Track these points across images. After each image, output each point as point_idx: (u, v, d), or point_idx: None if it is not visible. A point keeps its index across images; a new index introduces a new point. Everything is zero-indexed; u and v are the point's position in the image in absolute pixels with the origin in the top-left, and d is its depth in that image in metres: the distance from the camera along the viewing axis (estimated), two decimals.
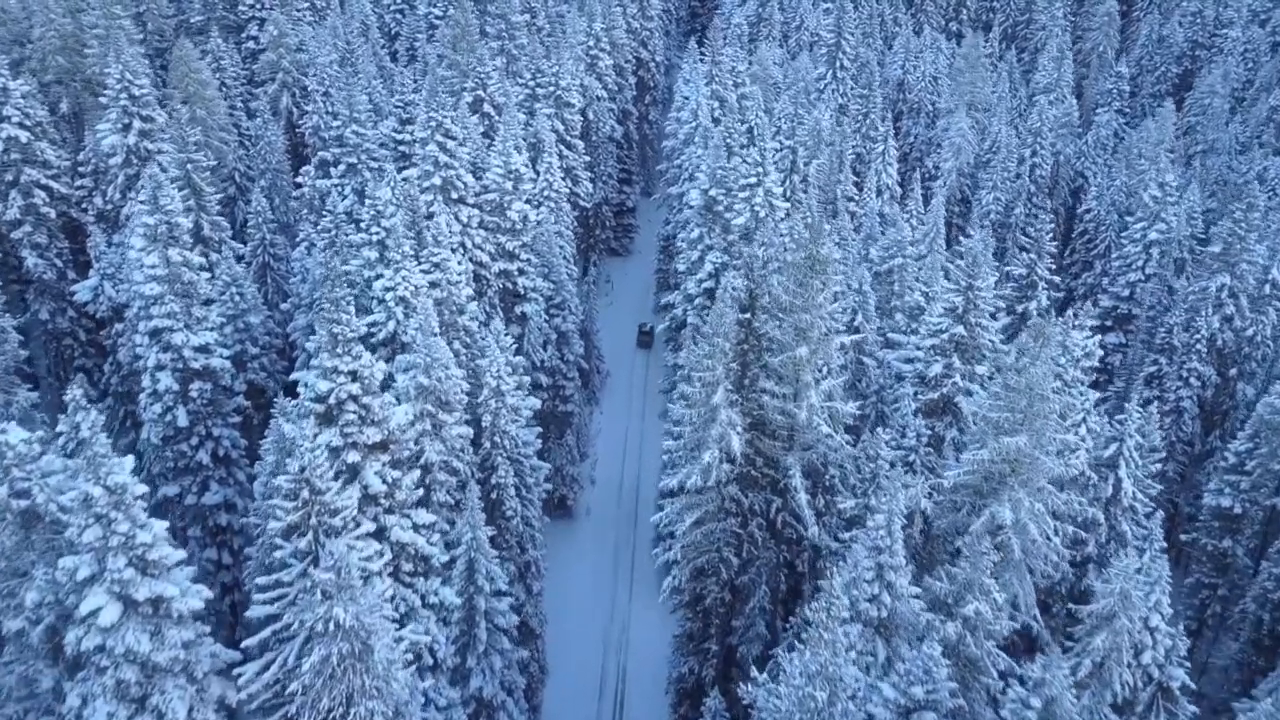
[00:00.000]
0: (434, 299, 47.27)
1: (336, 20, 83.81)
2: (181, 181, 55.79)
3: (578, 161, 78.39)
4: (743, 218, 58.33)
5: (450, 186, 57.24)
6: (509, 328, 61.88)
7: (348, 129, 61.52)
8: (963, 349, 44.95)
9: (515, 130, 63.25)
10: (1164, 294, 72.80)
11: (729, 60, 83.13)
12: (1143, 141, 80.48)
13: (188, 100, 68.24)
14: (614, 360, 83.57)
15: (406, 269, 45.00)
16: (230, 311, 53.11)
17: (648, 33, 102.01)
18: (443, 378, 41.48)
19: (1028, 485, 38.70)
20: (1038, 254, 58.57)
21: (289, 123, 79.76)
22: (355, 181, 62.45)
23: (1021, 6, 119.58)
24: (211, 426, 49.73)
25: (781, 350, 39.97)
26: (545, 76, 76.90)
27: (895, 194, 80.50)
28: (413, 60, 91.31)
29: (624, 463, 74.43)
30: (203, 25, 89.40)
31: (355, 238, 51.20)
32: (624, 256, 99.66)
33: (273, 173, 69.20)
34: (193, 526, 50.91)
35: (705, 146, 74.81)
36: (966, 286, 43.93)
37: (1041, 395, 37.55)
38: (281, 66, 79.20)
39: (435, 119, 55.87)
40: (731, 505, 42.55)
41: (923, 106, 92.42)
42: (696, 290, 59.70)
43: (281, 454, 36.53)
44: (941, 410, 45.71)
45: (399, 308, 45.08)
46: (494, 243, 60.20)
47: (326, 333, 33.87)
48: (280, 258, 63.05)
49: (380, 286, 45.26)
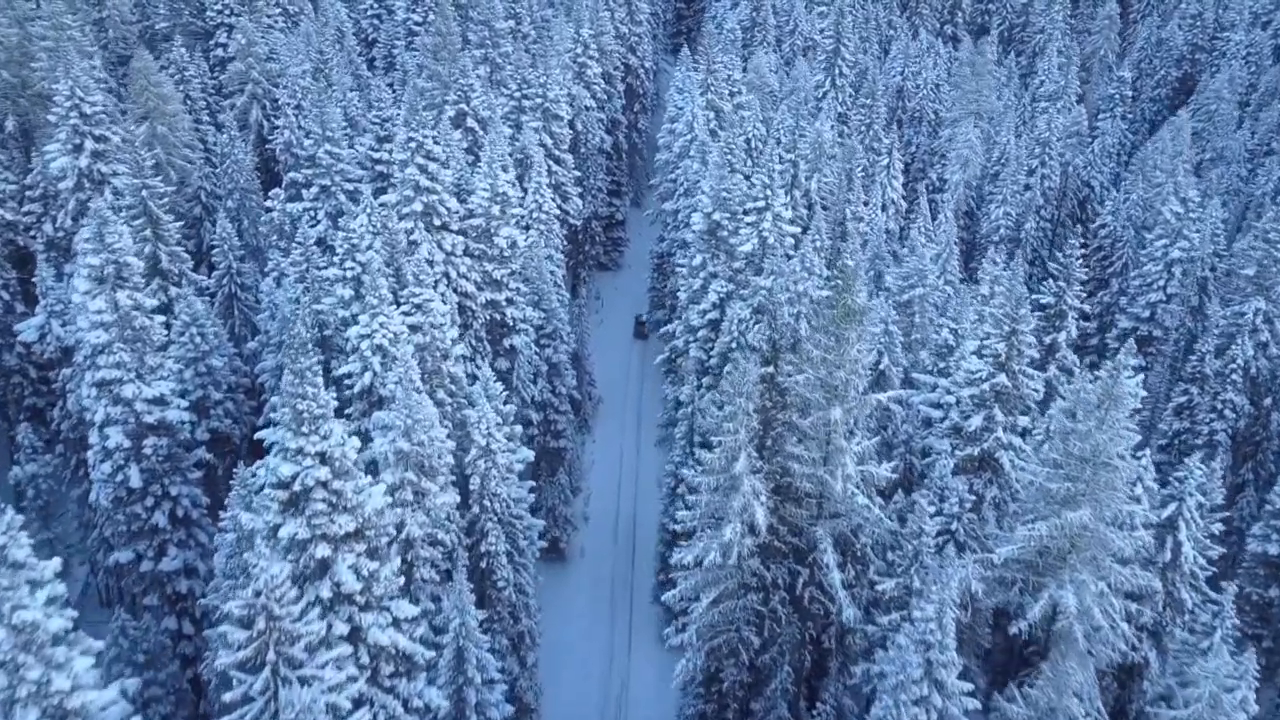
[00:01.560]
0: (415, 344, 41.85)
1: (310, 27, 77.91)
2: (137, 209, 50.08)
3: (567, 177, 73.00)
4: (750, 244, 53.06)
5: (432, 212, 51.78)
6: (497, 361, 56.66)
7: (320, 148, 55.90)
8: (1004, 398, 39.85)
9: (501, 148, 57.76)
10: (1187, 316, 68.13)
11: (724, 69, 77.80)
12: (1158, 153, 75.67)
13: (148, 116, 62.40)
14: (606, 381, 78.14)
15: (384, 314, 39.51)
16: (190, 354, 47.48)
17: (636, 38, 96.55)
18: (425, 441, 36.14)
19: (1091, 563, 33.70)
20: (1066, 281, 53.56)
21: (259, 137, 73.95)
22: (329, 205, 56.89)
23: (1018, 9, 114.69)
24: (169, 485, 44.18)
25: (810, 410, 34.77)
26: (532, 87, 71.38)
27: (900, 209, 75.43)
28: (391, 68, 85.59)
29: (619, 494, 69.15)
30: (168, 32, 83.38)
31: (328, 272, 45.74)
32: (614, 271, 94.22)
33: (241, 193, 63.39)
34: (150, 594, 45.39)
35: (703, 162, 69.59)
36: (1010, 332, 38.81)
37: (1108, 464, 32.56)
38: (251, 77, 73.36)
39: (415, 139, 50.36)
40: (752, 580, 37.34)
41: (924, 115, 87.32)
42: (700, 321, 54.41)
43: (240, 544, 31.10)
44: (981, 466, 40.62)
45: (376, 357, 39.62)
46: (480, 271, 54.78)
47: (290, 410, 28.43)
48: (248, 287, 57.42)
49: (355, 334, 39.78)
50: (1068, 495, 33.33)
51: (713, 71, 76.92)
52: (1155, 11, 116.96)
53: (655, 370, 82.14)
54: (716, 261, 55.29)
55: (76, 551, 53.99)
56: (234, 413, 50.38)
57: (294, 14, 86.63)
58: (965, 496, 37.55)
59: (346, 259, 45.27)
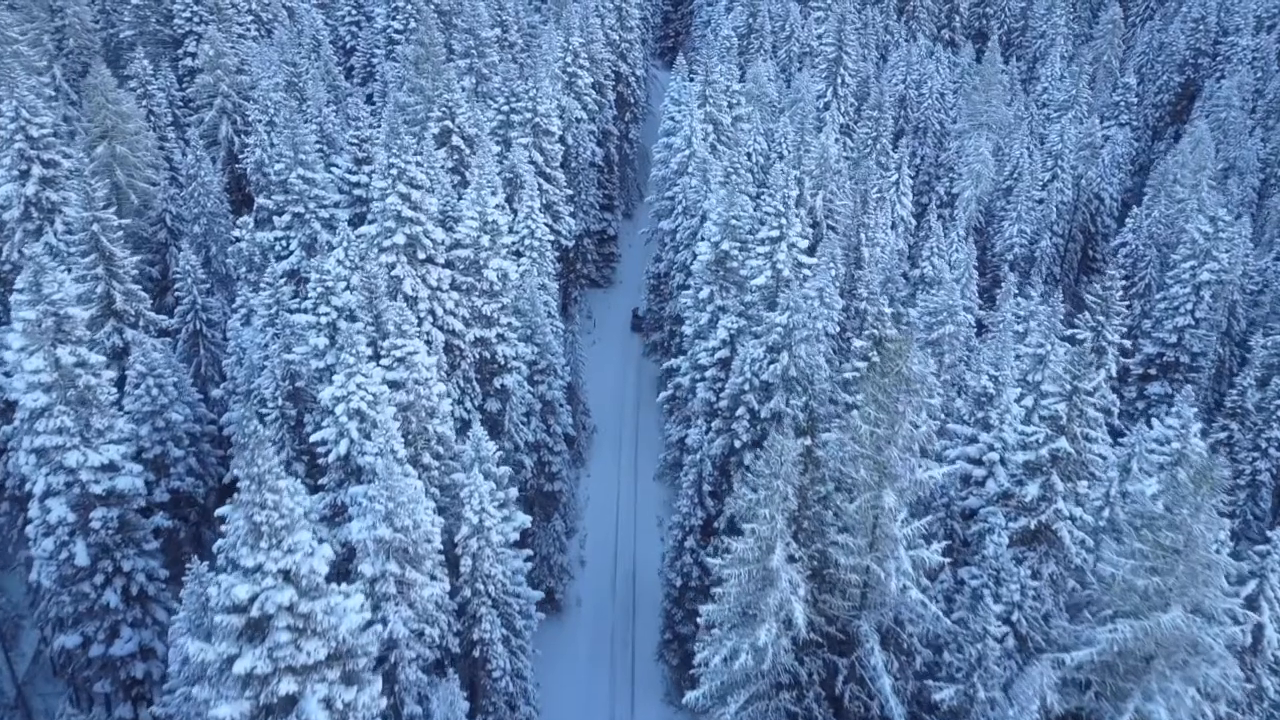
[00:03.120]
0: (398, 403, 36.45)
1: (285, 35, 72.06)
2: (87, 244, 44.47)
3: (558, 196, 67.56)
4: (763, 277, 47.82)
5: (416, 244, 46.29)
6: (487, 402, 51.30)
7: (293, 173, 50.34)
8: (1064, 465, 34.81)
9: (490, 169, 52.34)
10: (1217, 341, 63.38)
11: (723, 79, 72.46)
12: (1178, 166, 70.82)
13: (106, 135, 56.55)
14: (600, 405, 72.74)
15: (362, 373, 34.07)
16: (146, 408, 41.98)
17: (627, 44, 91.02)
18: (410, 526, 30.81)
19: (1181, 668, 28.69)
20: (1105, 314, 48.71)
21: (230, 154, 68.17)
22: (303, 234, 51.37)
23: (1017, 13, 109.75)
24: (121, 560, 38.61)
25: (856, 491, 29.62)
26: (521, 101, 65.89)
27: (910, 226, 70.41)
28: (370, 78, 79.86)
29: (617, 534, 63.88)
30: (134, 40, 77.41)
31: (300, 318, 40.30)
32: (605, 288, 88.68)
33: (208, 217, 57.74)
34: (101, 680, 39.89)
35: (704, 180, 64.36)
36: (1071, 390, 33.74)
37: (1205, 560, 27.55)
38: (220, 90, 67.52)
39: (397, 165, 44.85)
40: (786, 678, 32.19)
41: (929, 126, 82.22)
42: (709, 360, 49.17)
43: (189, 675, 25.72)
44: (1035, 538, 35.60)
45: (353, 422, 34.17)
46: (468, 306, 49.37)
47: (246, 522, 23.02)
48: (215, 323, 51.84)
49: (330, 396, 34.33)
50: (1156, 590, 28.30)
51: (711, 82, 71.59)
52: (1156, 14, 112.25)
53: (652, 388, 77.18)
54: (726, 294, 50.10)
55: (25, 615, 48.57)
56: (197, 469, 44.89)
57: (268, 21, 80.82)
58: (1027, 583, 32.47)
59: (321, 303, 39.87)
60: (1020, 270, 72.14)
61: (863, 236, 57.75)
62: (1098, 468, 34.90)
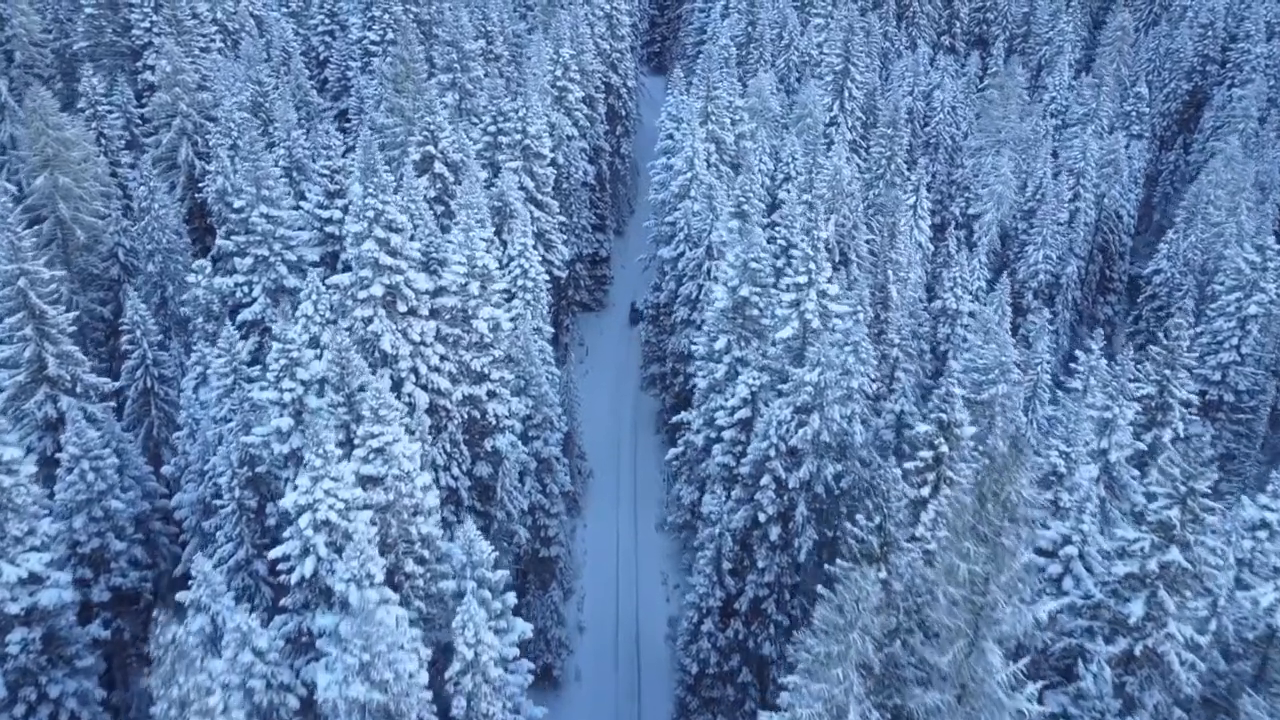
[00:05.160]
0: (375, 505, 29.92)
1: (252, 47, 64.83)
2: (14, 302, 37.69)
3: (551, 223, 61.07)
4: (789, 328, 41.50)
5: (396, 295, 39.75)
6: (476, 466, 44.84)
7: (255, 210, 43.62)
8: (1170, 572, 28.69)
9: (478, 201, 45.83)
10: (1265, 379, 57.61)
11: (726, 95, 66.02)
12: (1213, 186, 64.94)
13: (48, 164, 49.67)
14: (595, 444, 66.17)
15: (331, 476, 27.52)
16: (80, 497, 35.26)
17: (618, 54, 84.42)
18: (390, 680, 24.34)
19: None
20: (1170, 366, 42.65)
21: (190, 179, 61.18)
22: (267, 279, 44.65)
23: (1019, 19, 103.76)
24: (47, 685, 31.97)
25: (948, 643, 23.37)
26: (510, 121, 59.26)
27: (928, 253, 64.27)
28: (345, 92, 72.94)
29: (618, 593, 57.31)
30: (90, 52, 70.22)
31: (261, 394, 33.68)
32: (597, 311, 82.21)
33: (164, 254, 50.94)
34: None
35: (711, 209, 58.02)
36: (1186, 492, 27.59)
37: None
38: (179, 109, 60.48)
39: (374, 207, 38.22)
40: None
41: (941, 141, 76.05)
42: (727, 420, 42.82)
43: None
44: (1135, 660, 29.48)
45: (320, 536, 27.64)
46: (456, 361, 42.88)
47: None
48: (169, 379, 45.18)
49: (293, 504, 27.76)
50: None
51: (713, 98, 65.14)
52: (1162, 20, 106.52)
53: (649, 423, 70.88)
54: (744, 345, 43.76)
55: None
56: (144, 559, 38.18)
57: (234, 31, 73.66)
58: None
59: (284, 377, 33.27)
60: (1044, 297, 66.17)
61: (890, 274, 51.48)
62: (1210, 578, 28.80)
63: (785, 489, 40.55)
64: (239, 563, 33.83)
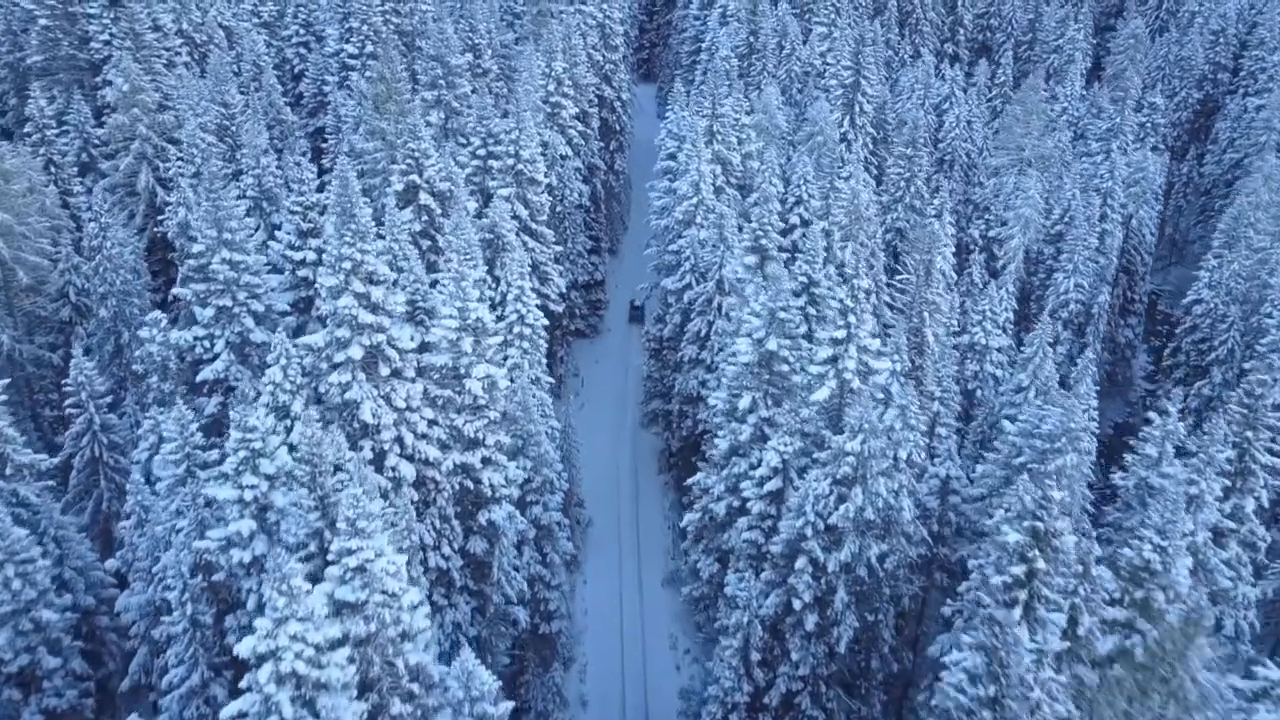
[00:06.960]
0: (355, 638, 24.29)
1: (220, 61, 58.70)
2: None
3: (546, 254, 55.46)
4: (826, 389, 36.06)
5: (378, 356, 34.10)
6: (469, 541, 39.20)
7: (216, 256, 37.79)
8: None
9: (468, 238, 40.19)
10: None
11: (732, 112, 60.53)
12: (1253, 208, 59.95)
13: None
14: (593, 486, 60.67)
15: (299, 617, 21.90)
16: (8, 608, 29.50)
17: (611, 65, 78.76)
18: None
19: None
20: (1251, 426, 37.45)
21: (151, 207, 55.24)
22: (231, 332, 38.80)
23: (1024, 26, 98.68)
24: None
25: None
26: (501, 144, 53.58)
27: (951, 281, 58.94)
28: (321, 109, 67.11)
29: (623, 660, 51.66)
30: (45, 66, 64.09)
31: (219, 491, 27.95)
32: (592, 338, 76.67)
33: (118, 297, 45.12)
34: None
35: (722, 239, 52.56)
36: None
37: None
38: (138, 132, 54.49)
39: (351, 258, 32.56)
40: None
41: (956, 158, 70.79)
42: (755, 492, 37.36)
43: None
44: None
45: (285, 691, 22.01)
46: (446, 426, 37.24)
47: None
48: (119, 445, 39.39)
49: (251, 649, 22.10)
50: None
51: (719, 116, 59.63)
52: (1171, 26, 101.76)
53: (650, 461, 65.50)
54: (772, 405, 38.31)
55: None
56: (83, 671, 32.40)
57: (201, 44, 67.66)
58: None
59: (245, 471, 27.58)
60: (1073, 328, 61.06)
61: (925, 316, 46.13)
62: None
63: (823, 572, 35.29)
64: (192, 689, 28.16)
